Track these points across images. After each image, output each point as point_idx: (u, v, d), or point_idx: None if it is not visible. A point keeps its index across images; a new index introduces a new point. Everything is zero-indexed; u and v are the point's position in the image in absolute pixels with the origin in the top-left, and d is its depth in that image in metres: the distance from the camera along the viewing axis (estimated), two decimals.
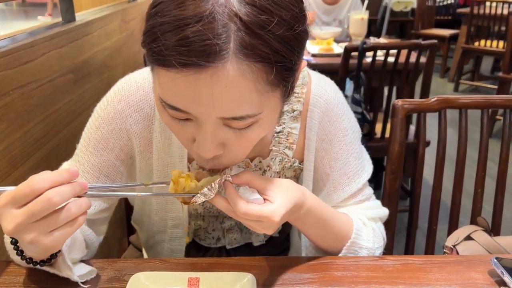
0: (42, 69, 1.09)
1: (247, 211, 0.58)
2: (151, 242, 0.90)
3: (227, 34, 0.48)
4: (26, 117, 1.01)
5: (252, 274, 0.67)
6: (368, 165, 0.84)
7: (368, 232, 0.79)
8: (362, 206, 0.83)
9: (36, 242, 0.53)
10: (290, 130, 0.78)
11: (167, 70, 0.50)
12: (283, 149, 0.79)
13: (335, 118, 0.79)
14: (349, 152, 0.80)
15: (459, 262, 0.74)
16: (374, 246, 0.79)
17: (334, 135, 0.79)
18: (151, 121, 0.75)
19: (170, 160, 0.77)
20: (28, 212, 0.52)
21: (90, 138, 0.76)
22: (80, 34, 1.34)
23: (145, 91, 0.74)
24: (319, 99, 0.77)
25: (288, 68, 0.54)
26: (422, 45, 1.94)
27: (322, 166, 0.80)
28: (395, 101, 1.08)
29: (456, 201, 1.13)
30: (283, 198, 0.62)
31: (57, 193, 0.52)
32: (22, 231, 0.53)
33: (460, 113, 1.09)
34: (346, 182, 0.81)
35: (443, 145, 1.10)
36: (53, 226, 0.53)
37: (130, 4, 2.03)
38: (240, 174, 0.61)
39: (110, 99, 0.75)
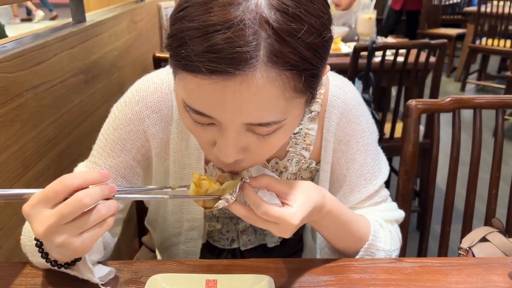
0: (54, 70, 1.09)
1: (267, 210, 0.58)
2: (166, 244, 0.89)
3: (257, 41, 0.47)
4: (38, 117, 1.01)
5: (269, 276, 0.67)
6: (385, 166, 0.84)
7: (385, 234, 0.79)
8: (379, 208, 0.82)
9: (66, 245, 0.53)
10: (307, 131, 0.78)
11: (194, 76, 0.49)
12: (300, 150, 0.78)
13: (353, 119, 0.78)
14: (367, 153, 0.80)
15: (478, 264, 0.73)
16: (391, 248, 0.78)
17: (351, 136, 0.78)
18: (168, 123, 0.75)
19: (187, 162, 0.76)
20: (59, 213, 0.51)
21: (107, 139, 0.75)
22: (90, 35, 1.34)
23: (163, 92, 0.74)
24: (337, 100, 0.77)
25: (315, 75, 0.53)
26: (432, 44, 1.93)
27: (338, 168, 0.80)
28: (409, 101, 1.08)
29: (470, 202, 1.12)
30: (303, 201, 0.61)
31: (87, 194, 0.52)
32: (53, 233, 0.52)
33: (475, 113, 1.08)
34: (363, 183, 0.80)
35: (457, 146, 1.10)
36: (83, 228, 0.53)
37: (138, 5, 2.03)
38: (259, 178, 0.61)
39: (128, 100, 0.75)
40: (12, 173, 0.90)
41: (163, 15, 2.40)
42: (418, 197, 2.35)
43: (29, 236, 0.68)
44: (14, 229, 0.91)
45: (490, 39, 4.33)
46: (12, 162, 0.90)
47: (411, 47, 1.95)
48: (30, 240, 0.67)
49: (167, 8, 2.43)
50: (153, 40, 2.27)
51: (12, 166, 0.90)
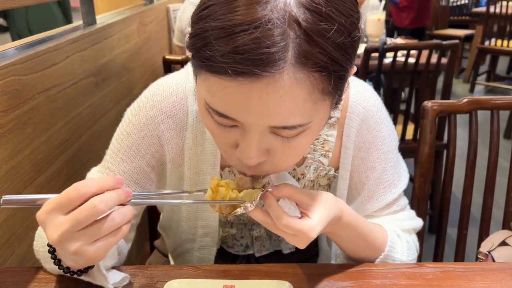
0: (66, 72, 1.08)
1: (288, 223, 0.57)
2: (179, 250, 0.88)
3: (286, 42, 0.46)
4: (50, 120, 1.00)
5: (288, 282, 0.65)
6: (405, 174, 0.82)
7: (402, 245, 0.77)
8: (397, 217, 0.80)
9: (80, 253, 0.51)
10: (326, 138, 0.75)
11: (218, 77, 0.48)
12: (319, 156, 0.76)
13: (374, 126, 0.76)
14: (387, 161, 0.77)
15: (502, 269, 0.71)
16: (408, 259, 0.77)
17: (372, 143, 0.76)
18: (183, 128, 0.73)
19: (202, 168, 0.75)
20: (73, 220, 0.50)
21: (120, 144, 0.74)
22: (101, 37, 1.34)
23: (178, 97, 0.72)
24: (358, 106, 0.74)
25: (343, 76, 0.51)
26: (444, 45, 1.91)
27: (357, 175, 0.78)
28: (425, 102, 1.06)
29: (487, 206, 1.10)
30: (322, 214, 0.60)
31: (102, 200, 0.51)
32: (67, 240, 0.51)
33: (492, 115, 1.06)
34: (382, 192, 0.78)
35: (474, 148, 1.07)
36: (97, 236, 0.52)
37: (147, 7, 2.03)
38: (280, 187, 0.59)
39: (142, 105, 0.73)
40: (25, 176, 0.90)
41: (172, 18, 2.39)
42: (430, 200, 2.32)
43: (42, 242, 0.67)
44: (27, 233, 0.90)
45: (499, 39, 4.29)
46: (25, 165, 0.89)
47: (423, 48, 1.93)
48: (43, 246, 0.66)
49: (175, 10, 2.43)
50: (162, 43, 2.27)
51: (25, 169, 0.90)
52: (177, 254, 0.90)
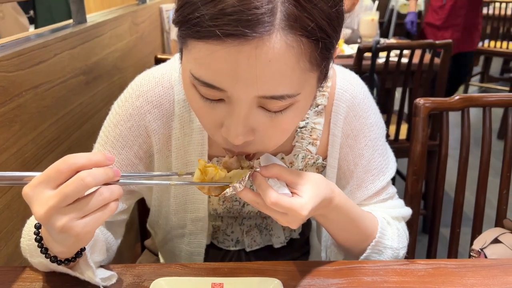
0: (54, 70, 1.07)
1: (277, 200, 0.56)
2: (168, 245, 0.87)
3: (274, 4, 0.46)
4: (39, 118, 0.99)
5: (278, 279, 0.64)
6: (392, 162, 0.82)
7: (392, 231, 0.76)
8: (386, 205, 0.81)
9: (68, 229, 0.50)
10: (313, 126, 0.75)
11: (206, 42, 0.47)
12: (306, 145, 0.76)
13: (361, 113, 0.76)
14: (374, 148, 0.77)
15: (494, 266, 0.71)
16: (399, 246, 0.76)
17: (359, 130, 0.76)
18: (170, 118, 0.73)
19: (189, 159, 0.74)
20: (60, 193, 0.48)
21: (107, 136, 0.73)
22: (91, 35, 1.32)
23: (164, 86, 0.72)
24: (344, 93, 0.75)
25: (329, 48, 0.51)
26: (437, 45, 1.91)
27: (346, 163, 0.78)
28: (417, 99, 1.05)
29: (479, 204, 1.09)
30: (312, 193, 0.60)
31: (90, 174, 0.49)
32: (54, 215, 0.49)
33: (484, 112, 1.06)
34: (370, 179, 0.78)
35: (466, 146, 1.07)
36: (85, 211, 0.50)
37: (139, 7, 2.02)
38: (269, 167, 0.59)
39: (128, 96, 0.73)
40: None
41: (165, 18, 2.38)
42: (423, 200, 2.32)
43: (29, 236, 0.66)
44: (13, 232, 0.88)
45: (492, 41, 4.31)
46: (11, 163, 0.88)
47: (416, 47, 1.93)
48: (30, 239, 0.64)
49: (168, 11, 2.42)
50: (155, 43, 2.26)
51: (11, 168, 0.88)
52: (167, 250, 0.88)
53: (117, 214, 0.75)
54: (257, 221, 0.85)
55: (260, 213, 0.83)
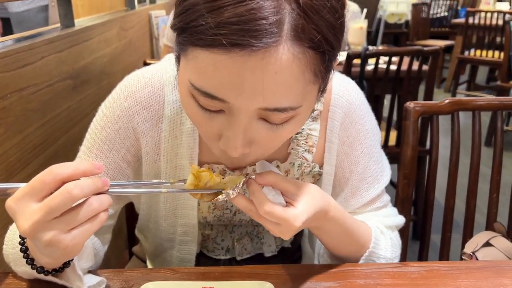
0: (41, 73, 1.05)
1: (271, 210, 0.55)
2: (158, 250, 0.85)
3: (281, 15, 0.44)
4: (24, 122, 0.97)
5: (270, 283, 0.63)
6: (387, 170, 0.80)
7: (386, 241, 0.76)
8: (380, 213, 0.79)
9: (56, 243, 0.48)
10: (309, 132, 0.74)
11: (209, 51, 0.45)
12: (302, 152, 0.74)
13: (357, 120, 0.74)
14: (370, 155, 0.76)
15: (487, 268, 0.70)
16: (392, 256, 0.76)
17: (355, 137, 0.75)
18: (159, 120, 0.70)
19: (179, 162, 0.72)
20: (46, 207, 0.46)
21: (94, 139, 0.71)
22: (79, 39, 1.31)
23: (154, 87, 0.69)
24: (340, 99, 0.73)
25: (332, 59, 0.51)
26: (425, 51, 1.92)
27: (341, 171, 0.76)
28: (407, 103, 1.05)
29: (470, 208, 1.09)
30: (307, 204, 0.58)
31: (77, 185, 0.47)
32: (40, 230, 0.47)
33: (473, 116, 1.06)
34: (365, 187, 0.77)
35: (456, 150, 1.07)
36: (73, 223, 0.48)
37: (128, 12, 2.01)
38: (265, 175, 0.57)
39: (116, 96, 0.71)
40: None
41: (154, 24, 2.37)
42: (413, 205, 2.32)
43: (12, 244, 0.63)
44: None
45: (478, 50, 4.37)
46: None
47: (404, 54, 1.94)
48: (14, 247, 0.62)
49: (157, 17, 2.41)
50: (144, 49, 2.24)
51: None
52: (156, 256, 0.86)
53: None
54: (248, 229, 0.84)
55: (252, 220, 0.81)
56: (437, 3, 6.15)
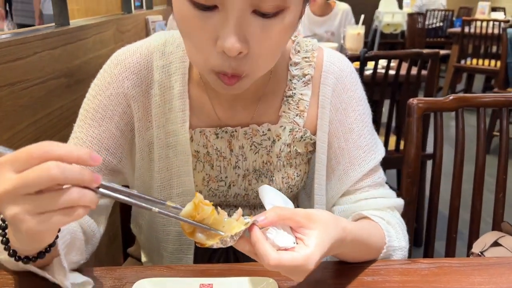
0: (33, 69, 1.02)
1: (279, 263, 0.50)
2: (154, 242, 0.80)
3: None
4: (15, 117, 0.93)
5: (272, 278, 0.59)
6: (380, 145, 0.79)
7: (396, 231, 0.72)
8: (379, 192, 0.76)
9: (18, 221, 0.43)
10: (300, 97, 0.73)
11: None
12: (293, 117, 0.73)
13: (349, 86, 0.75)
14: (364, 123, 0.75)
15: (501, 264, 0.67)
16: (406, 244, 0.73)
17: (348, 104, 0.74)
18: (149, 86, 0.71)
19: (171, 127, 0.71)
20: (21, 179, 0.42)
21: (87, 109, 0.70)
22: (74, 38, 1.28)
23: (142, 53, 0.71)
24: (332, 66, 0.74)
25: None
26: (424, 54, 1.91)
27: (336, 140, 0.75)
28: (410, 100, 1.03)
29: (476, 208, 1.06)
30: (320, 239, 0.53)
31: (59, 166, 0.43)
32: (8, 200, 0.43)
33: (478, 113, 1.04)
34: (362, 156, 0.75)
35: (461, 148, 1.04)
36: (44, 208, 0.43)
37: (124, 16, 1.99)
38: (269, 214, 0.53)
39: (107, 66, 0.72)
40: None
41: (150, 29, 2.35)
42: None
43: None
44: None
45: (474, 59, 4.39)
46: None
47: (403, 56, 1.93)
48: None
49: (154, 22, 2.39)
50: None
51: None
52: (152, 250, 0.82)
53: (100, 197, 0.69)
54: (244, 213, 0.80)
55: (248, 201, 0.78)
56: (432, 13, 6.19)
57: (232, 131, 0.72)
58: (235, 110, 0.72)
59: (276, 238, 0.52)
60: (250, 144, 0.73)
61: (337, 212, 0.77)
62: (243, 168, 0.75)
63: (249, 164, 0.74)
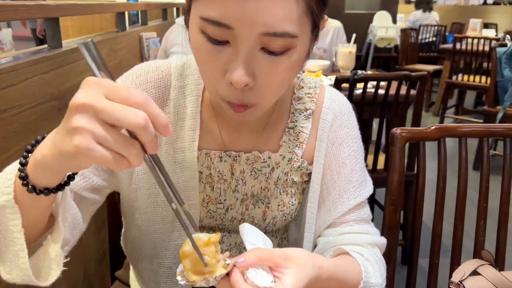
0: (24, 95, 1.03)
1: None
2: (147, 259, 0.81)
3: None
4: (5, 143, 0.95)
5: None
6: (369, 182, 0.84)
7: (373, 267, 0.75)
8: (363, 228, 0.80)
9: (78, 133, 0.43)
10: (301, 129, 0.79)
11: None
12: (293, 147, 0.78)
13: (346, 123, 0.80)
14: (356, 160, 0.80)
15: None
16: (382, 281, 0.76)
17: (343, 140, 0.80)
18: (164, 102, 0.75)
19: (180, 145, 0.74)
20: (112, 107, 0.44)
21: None
22: (66, 61, 1.30)
23: (163, 71, 0.75)
24: (332, 103, 0.80)
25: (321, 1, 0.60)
26: (413, 76, 1.94)
27: (329, 172, 0.79)
28: (393, 129, 1.05)
29: (457, 235, 1.08)
30: (296, 277, 0.57)
31: (146, 120, 0.45)
32: (86, 113, 0.44)
33: (460, 142, 1.06)
34: (352, 190, 0.79)
35: (443, 176, 1.07)
36: (107, 141, 0.44)
37: (118, 34, 2.01)
38: (248, 256, 0.57)
39: (128, 75, 0.75)
40: None
41: (144, 46, 2.38)
42: (402, 230, 2.31)
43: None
44: None
45: (466, 75, 4.45)
46: None
47: (392, 78, 1.96)
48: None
49: (148, 39, 2.42)
50: None
51: None
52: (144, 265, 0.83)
53: (90, 189, 0.71)
54: (238, 240, 0.82)
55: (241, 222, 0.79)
56: (425, 28, 6.27)
57: (235, 156, 0.76)
58: (240, 136, 0.76)
59: (255, 278, 0.55)
60: (250, 170, 0.77)
61: (321, 243, 0.80)
62: (242, 192, 0.78)
63: (248, 189, 0.78)
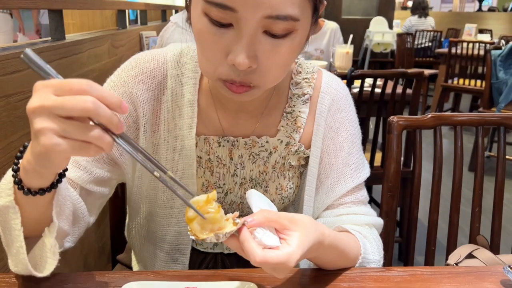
0: (30, 81, 1.05)
1: (265, 260, 0.55)
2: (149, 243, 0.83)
3: None
4: (10, 128, 0.96)
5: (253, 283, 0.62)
6: (367, 165, 0.84)
7: (371, 245, 0.77)
8: (360, 209, 0.81)
9: (42, 134, 0.47)
10: (299, 114, 0.79)
11: None
12: (291, 132, 0.79)
13: (343, 107, 0.81)
14: (353, 143, 0.81)
15: (469, 272, 0.71)
16: (380, 257, 0.77)
17: (341, 123, 0.81)
18: (162, 91, 0.76)
19: (179, 132, 0.76)
20: (60, 100, 0.46)
21: None
22: (69, 52, 1.32)
23: (159, 61, 0.76)
24: (330, 87, 0.80)
25: None
26: (409, 74, 1.97)
27: (327, 156, 0.80)
28: (391, 117, 1.08)
29: (453, 222, 1.10)
30: (301, 239, 0.58)
31: (94, 102, 0.47)
32: (41, 115, 0.47)
33: (455, 131, 1.09)
34: (349, 173, 0.80)
35: (439, 164, 1.09)
36: (68, 132, 0.47)
37: (119, 31, 2.04)
38: (256, 216, 0.58)
39: (125, 66, 0.76)
40: None
41: (144, 44, 2.40)
42: (398, 227, 2.33)
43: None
44: None
45: (461, 79, 4.50)
46: None
47: (389, 76, 1.99)
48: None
49: (148, 38, 2.44)
50: None
51: None
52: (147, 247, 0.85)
53: (96, 182, 0.73)
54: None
55: (243, 210, 0.82)
56: (421, 34, 6.33)
57: (234, 141, 0.77)
58: (239, 121, 0.78)
59: (263, 237, 0.57)
60: (249, 154, 0.79)
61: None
62: (240, 176, 0.79)
63: (246, 173, 0.79)
